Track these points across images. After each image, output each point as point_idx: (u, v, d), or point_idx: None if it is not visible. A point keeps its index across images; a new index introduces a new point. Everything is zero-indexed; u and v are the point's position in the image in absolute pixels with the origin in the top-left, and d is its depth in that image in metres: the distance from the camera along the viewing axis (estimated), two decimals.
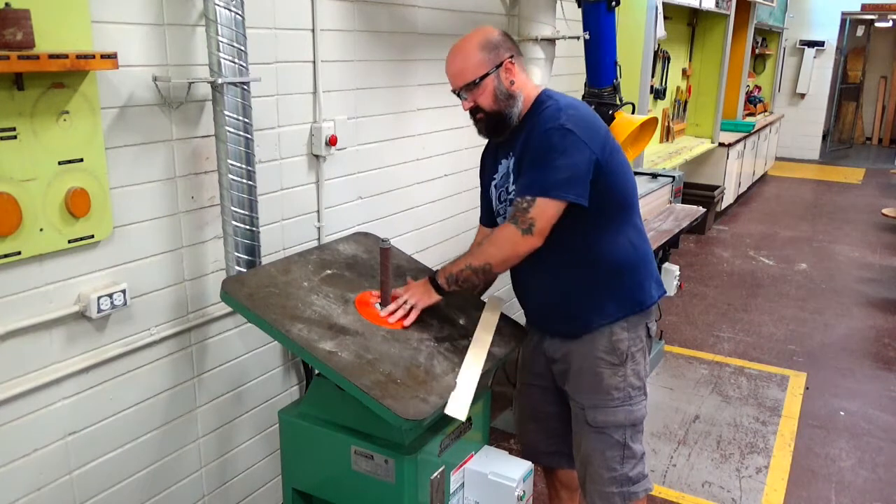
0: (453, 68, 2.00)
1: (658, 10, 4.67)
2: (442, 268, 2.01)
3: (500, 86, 1.96)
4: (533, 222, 1.88)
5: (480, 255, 1.95)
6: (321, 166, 2.48)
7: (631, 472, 2.11)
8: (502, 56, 1.97)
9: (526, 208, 1.88)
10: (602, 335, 2.05)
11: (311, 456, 2.00)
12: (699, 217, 4.09)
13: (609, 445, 2.09)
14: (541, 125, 1.93)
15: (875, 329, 4.87)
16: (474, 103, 1.99)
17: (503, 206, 2.10)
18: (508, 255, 1.92)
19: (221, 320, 2.22)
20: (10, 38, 1.48)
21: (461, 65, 1.97)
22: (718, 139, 7.27)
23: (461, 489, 2.04)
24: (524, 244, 1.89)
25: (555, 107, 1.95)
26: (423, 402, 1.70)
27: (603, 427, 2.09)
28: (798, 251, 6.61)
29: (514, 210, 1.91)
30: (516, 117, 2.00)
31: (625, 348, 2.06)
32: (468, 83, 1.96)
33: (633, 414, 2.09)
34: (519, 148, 1.99)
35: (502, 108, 1.98)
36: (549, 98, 2.01)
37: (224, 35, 1.88)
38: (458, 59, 1.99)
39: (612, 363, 2.06)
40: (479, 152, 3.45)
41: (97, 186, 1.77)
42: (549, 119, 1.93)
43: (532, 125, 1.97)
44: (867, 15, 11.62)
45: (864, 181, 10.14)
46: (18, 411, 1.74)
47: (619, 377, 2.07)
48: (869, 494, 3.07)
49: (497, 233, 1.95)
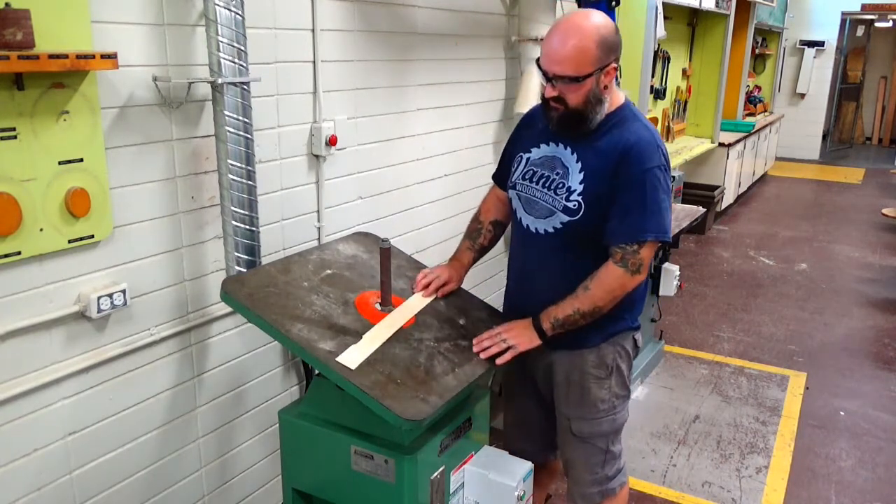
0: (562, 53, 1.82)
1: (658, 10, 4.67)
2: (545, 312, 1.96)
3: (596, 88, 1.86)
4: (642, 262, 1.90)
5: (588, 299, 1.92)
6: (321, 166, 2.48)
7: (610, 472, 2.17)
8: (610, 58, 1.85)
9: (636, 251, 1.89)
10: (592, 350, 2.05)
11: (311, 456, 2.00)
12: (699, 217, 4.09)
13: (592, 453, 2.14)
14: (643, 159, 1.87)
15: (875, 329, 4.86)
16: (561, 94, 1.87)
17: (528, 185, 2.02)
18: (618, 295, 1.94)
19: (221, 320, 2.21)
20: (10, 38, 1.48)
21: (572, 54, 1.81)
22: (718, 139, 7.27)
23: (461, 489, 2.04)
24: (632, 283, 1.93)
25: (649, 137, 1.90)
26: (423, 402, 1.70)
27: (587, 437, 2.12)
28: (798, 251, 6.61)
29: (623, 253, 1.89)
30: (594, 123, 1.91)
31: (611, 361, 2.07)
32: (568, 76, 1.83)
33: (617, 422, 2.13)
34: (594, 152, 1.92)
35: (587, 109, 1.88)
36: (635, 117, 1.95)
37: (224, 35, 1.88)
38: (572, 47, 1.81)
39: (598, 377, 2.07)
40: (478, 152, 3.45)
41: (97, 186, 1.77)
42: (650, 155, 1.88)
43: (611, 138, 1.91)
44: (867, 15, 11.62)
45: (864, 181, 10.14)
46: (18, 411, 1.74)
47: (605, 390, 2.08)
48: (869, 494, 3.07)
49: (604, 276, 1.92)
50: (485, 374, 1.93)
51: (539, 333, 1.96)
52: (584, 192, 1.92)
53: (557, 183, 1.97)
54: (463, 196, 3.30)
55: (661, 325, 4.43)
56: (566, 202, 1.94)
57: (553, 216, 1.97)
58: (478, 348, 1.95)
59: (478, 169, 3.38)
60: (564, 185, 1.95)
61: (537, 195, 2.00)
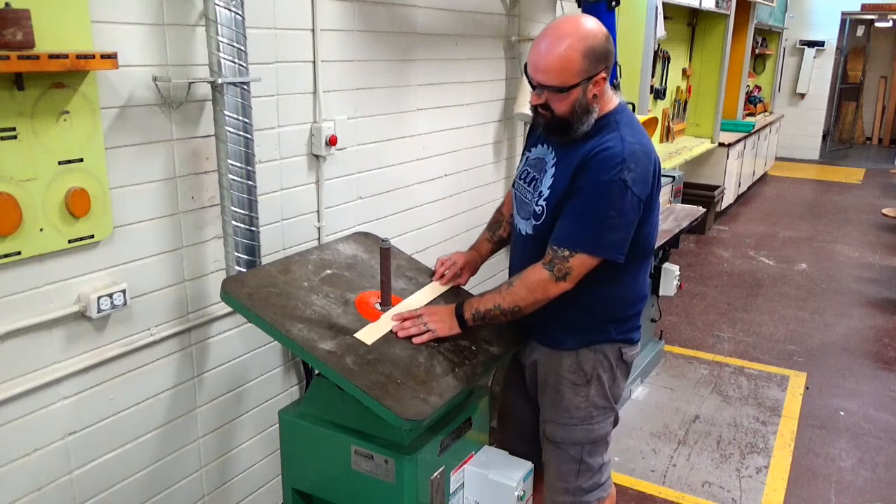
0: (545, 63, 1.78)
1: (658, 10, 4.67)
2: (468, 302, 1.93)
3: (583, 98, 1.80)
4: (569, 271, 1.83)
5: (510, 295, 1.88)
6: (321, 166, 2.48)
7: (585, 484, 2.09)
8: (598, 68, 1.79)
9: (566, 258, 1.82)
10: (570, 355, 2.02)
11: (311, 456, 2.00)
12: (699, 217, 4.10)
13: (564, 460, 2.08)
14: (600, 169, 1.78)
15: (875, 329, 4.86)
16: (546, 102, 1.83)
17: (521, 185, 2.02)
18: (539, 298, 1.87)
19: (221, 320, 2.22)
20: (10, 38, 1.48)
21: (556, 64, 1.76)
22: (718, 139, 7.27)
23: (461, 489, 2.04)
24: (555, 289, 1.85)
25: (618, 148, 1.79)
26: (423, 402, 1.70)
27: (560, 443, 2.08)
28: (798, 251, 6.61)
29: (553, 256, 1.84)
30: (581, 132, 1.85)
31: (590, 369, 2.01)
32: (552, 86, 1.79)
33: (593, 433, 2.06)
34: (569, 158, 1.87)
35: (574, 119, 1.83)
36: (617, 126, 1.85)
37: (224, 35, 1.88)
38: (555, 57, 1.76)
39: (574, 382, 2.03)
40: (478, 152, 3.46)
41: (97, 186, 1.77)
42: (610, 167, 1.78)
43: (587, 145, 1.84)
44: (867, 15, 11.62)
45: (864, 181, 10.14)
46: (18, 411, 1.74)
47: (581, 397, 2.03)
48: (869, 494, 3.07)
49: (529, 275, 1.87)
50: (485, 373, 1.93)
51: (459, 322, 1.93)
52: (548, 196, 1.90)
53: (537, 185, 1.96)
54: (463, 196, 3.30)
55: (661, 325, 4.43)
56: (535, 206, 1.94)
57: (528, 219, 1.98)
58: (397, 328, 1.91)
59: (478, 169, 3.38)
60: (539, 188, 1.95)
61: (527, 196, 2.00)
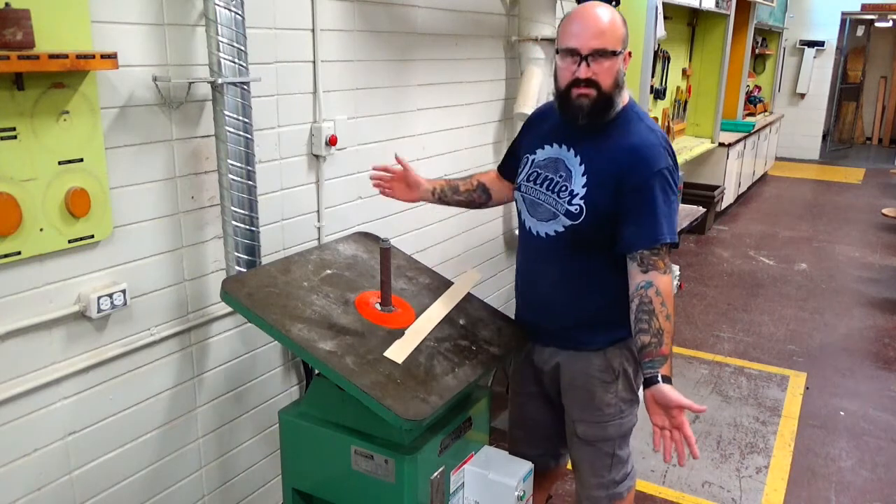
0: (599, 27, 1.81)
1: (658, 10, 4.67)
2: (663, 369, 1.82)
3: (622, 71, 1.87)
4: (667, 263, 1.88)
5: (666, 319, 1.85)
6: (321, 166, 2.48)
7: (617, 476, 2.16)
8: (627, 45, 1.88)
9: (659, 253, 1.86)
10: (598, 354, 2.04)
11: (311, 456, 2.00)
12: (699, 217, 4.10)
13: (597, 456, 2.13)
14: (650, 163, 1.86)
15: (875, 329, 4.87)
16: (595, 75, 1.83)
17: (532, 188, 2.01)
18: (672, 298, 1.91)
19: (221, 320, 2.22)
20: (10, 38, 1.48)
21: (610, 27, 1.82)
22: (718, 139, 7.27)
23: (461, 489, 2.04)
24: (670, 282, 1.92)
25: (653, 138, 1.89)
26: (423, 402, 1.70)
27: (594, 441, 2.11)
28: (798, 251, 6.61)
29: (649, 256, 1.86)
30: (615, 112, 1.90)
31: (617, 365, 2.05)
32: (607, 50, 1.82)
33: (623, 427, 2.11)
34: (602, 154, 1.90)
35: (614, 93, 1.87)
36: (639, 118, 1.94)
37: (224, 35, 1.88)
38: (609, 20, 1.83)
39: (604, 381, 2.05)
40: (478, 152, 3.45)
41: (97, 186, 1.77)
42: (658, 158, 1.86)
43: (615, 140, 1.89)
44: (867, 15, 11.62)
45: (864, 181, 10.14)
46: (18, 411, 1.74)
47: (611, 394, 2.07)
48: (869, 494, 3.07)
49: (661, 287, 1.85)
50: (485, 374, 1.93)
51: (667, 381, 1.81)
52: (586, 195, 1.91)
53: (560, 186, 1.95)
54: None
55: None
56: (568, 206, 1.93)
57: (555, 219, 1.96)
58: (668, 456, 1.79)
59: (478, 169, 3.38)
60: (567, 188, 1.94)
61: (541, 198, 1.99)
